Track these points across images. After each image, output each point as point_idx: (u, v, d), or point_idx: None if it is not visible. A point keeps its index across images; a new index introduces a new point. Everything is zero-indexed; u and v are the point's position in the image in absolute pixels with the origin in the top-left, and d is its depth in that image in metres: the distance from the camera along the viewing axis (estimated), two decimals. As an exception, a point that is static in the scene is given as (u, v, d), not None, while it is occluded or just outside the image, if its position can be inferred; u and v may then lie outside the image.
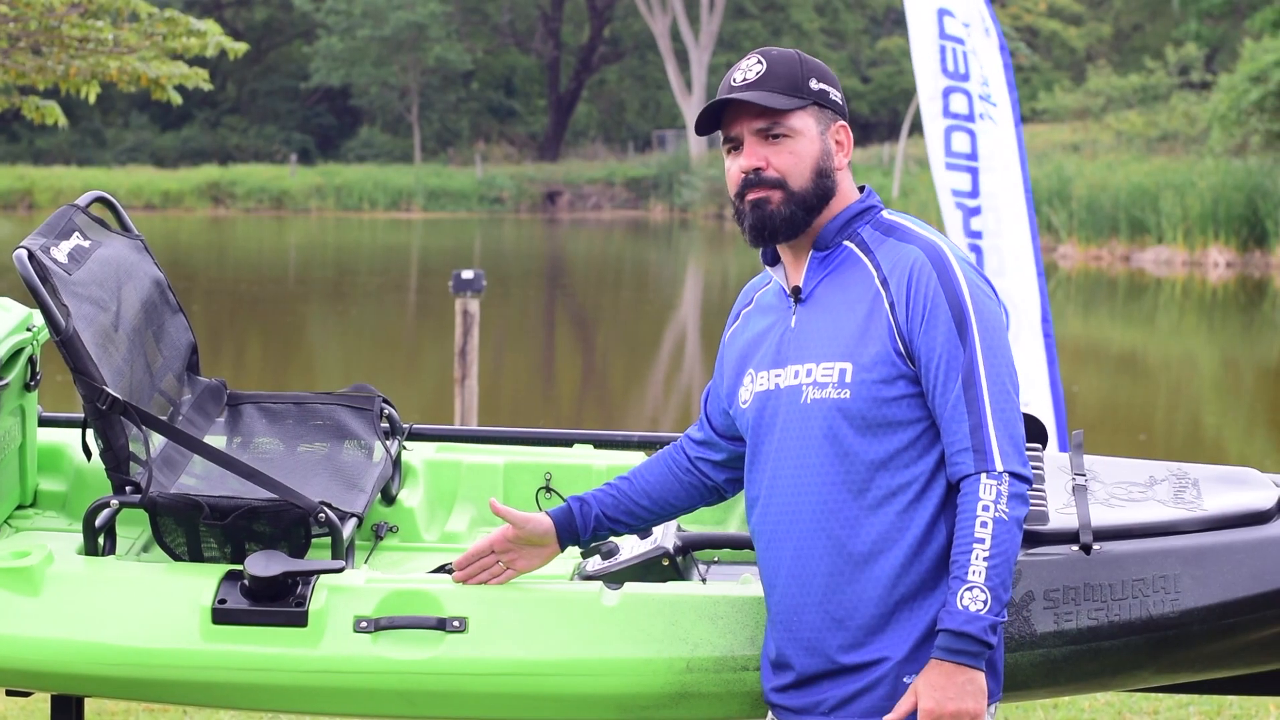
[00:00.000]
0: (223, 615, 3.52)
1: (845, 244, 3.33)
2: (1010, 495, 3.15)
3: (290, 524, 3.68)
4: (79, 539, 3.76)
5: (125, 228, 4.23)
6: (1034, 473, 3.52)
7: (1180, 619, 3.42)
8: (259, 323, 23.18)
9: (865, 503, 3.21)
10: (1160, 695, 6.30)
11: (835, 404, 3.22)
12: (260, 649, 3.51)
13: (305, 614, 3.51)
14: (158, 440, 3.88)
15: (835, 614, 3.23)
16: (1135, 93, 43.53)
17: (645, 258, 38.15)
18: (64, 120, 9.37)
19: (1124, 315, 24.82)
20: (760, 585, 3.45)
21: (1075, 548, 3.45)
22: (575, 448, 4.46)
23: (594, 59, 60.42)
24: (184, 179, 50.56)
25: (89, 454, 3.94)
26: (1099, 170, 32.91)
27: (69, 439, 4.27)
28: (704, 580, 3.82)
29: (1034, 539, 3.44)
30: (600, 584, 3.58)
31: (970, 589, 3.10)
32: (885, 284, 3.25)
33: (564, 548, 3.60)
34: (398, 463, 4.31)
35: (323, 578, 3.56)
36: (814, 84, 3.31)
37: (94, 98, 9.37)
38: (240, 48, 9.68)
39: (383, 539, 4.23)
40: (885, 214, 3.35)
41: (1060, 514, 3.55)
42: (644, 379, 18.98)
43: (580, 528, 3.57)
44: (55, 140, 54.82)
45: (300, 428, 4.31)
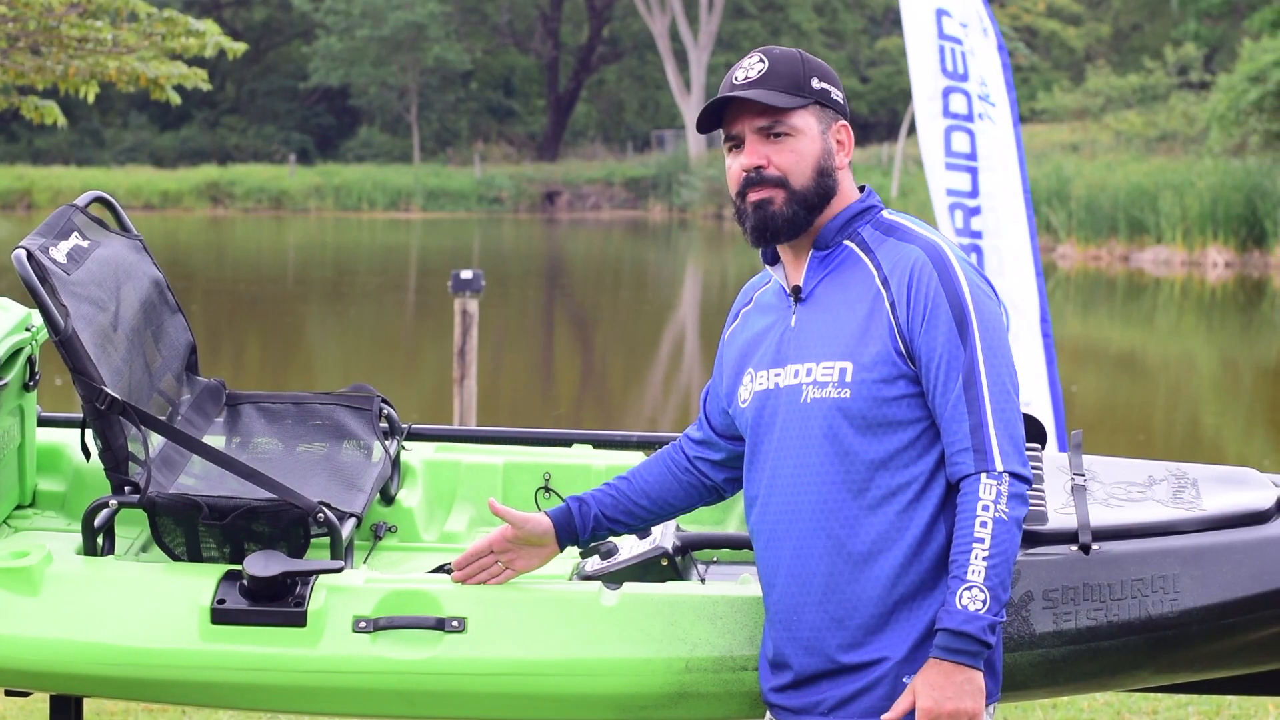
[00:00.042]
0: (221, 615, 3.52)
1: (845, 243, 3.32)
2: (1010, 495, 3.15)
3: (289, 524, 3.68)
4: (78, 539, 3.76)
5: (124, 228, 4.23)
6: (1033, 473, 3.52)
7: (1179, 619, 3.42)
8: (258, 323, 23.17)
9: (865, 502, 3.21)
10: (1159, 695, 6.30)
11: (835, 403, 3.22)
12: (259, 649, 3.51)
13: (304, 614, 3.51)
14: (156, 440, 3.88)
15: (835, 613, 3.23)
16: (1134, 93, 43.52)
17: (644, 258, 38.14)
18: (63, 120, 9.37)
19: (1123, 315, 24.81)
20: (759, 585, 3.45)
21: (1074, 548, 3.45)
22: (574, 448, 4.46)
23: (593, 59, 60.40)
24: (183, 179, 50.55)
25: (88, 454, 3.94)
26: (1098, 170, 32.91)
27: (68, 439, 4.27)
28: (703, 580, 3.81)
29: (1033, 539, 3.44)
30: (599, 584, 3.58)
31: (969, 588, 3.10)
32: (886, 284, 3.25)
33: (563, 548, 3.60)
34: (396, 463, 4.31)
35: (322, 578, 3.56)
36: (816, 83, 3.31)
37: (93, 98, 9.37)
38: (239, 48, 9.68)
39: (381, 539, 4.23)
40: (885, 214, 3.35)
41: (1059, 514, 3.55)
42: (643, 379, 18.97)
43: (579, 528, 3.57)
44: (54, 140, 54.81)
45: (299, 428, 4.31)
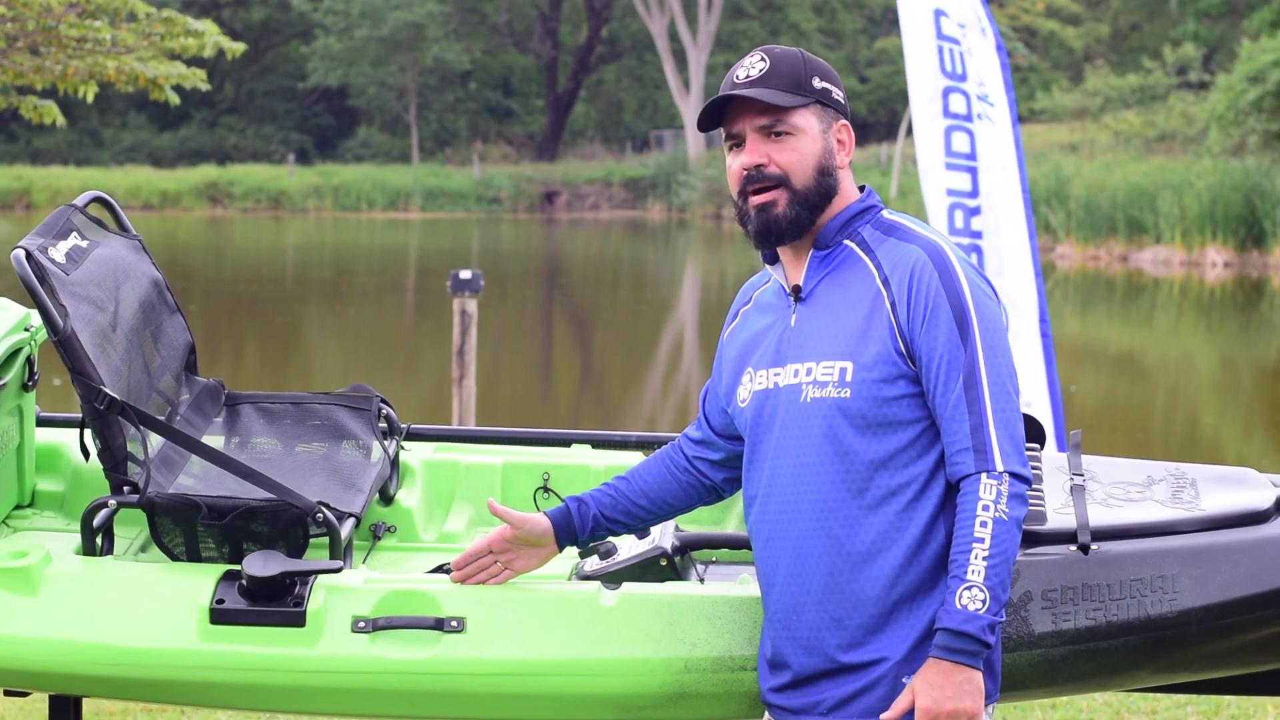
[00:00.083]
0: (220, 615, 3.52)
1: (846, 243, 3.32)
2: (1010, 495, 3.15)
3: (288, 524, 3.68)
4: (77, 539, 3.76)
5: (123, 228, 4.23)
6: (1032, 473, 3.52)
7: (1178, 619, 3.42)
8: (257, 323, 23.16)
9: (864, 502, 3.21)
10: (1158, 695, 6.30)
11: (835, 403, 3.22)
12: (258, 649, 3.51)
13: (303, 614, 3.50)
14: (155, 440, 3.88)
15: (834, 613, 3.23)
16: (1133, 93, 43.52)
17: (643, 258, 38.14)
18: (62, 120, 9.36)
19: (1122, 315, 24.81)
20: (758, 585, 3.44)
21: (1073, 548, 3.45)
22: (573, 448, 4.46)
23: (592, 59, 60.40)
24: (182, 179, 50.56)
25: (87, 454, 3.94)
26: (1097, 170, 32.92)
27: (67, 439, 4.26)
28: (702, 580, 3.81)
29: (1032, 539, 3.44)
30: (598, 584, 3.58)
31: (969, 588, 3.10)
32: (886, 283, 3.25)
33: (562, 548, 3.60)
34: (395, 463, 4.31)
35: (321, 578, 3.56)
36: (817, 82, 3.31)
37: (92, 98, 9.36)
38: (238, 48, 9.67)
39: (381, 539, 4.23)
40: (886, 214, 3.35)
41: (1058, 514, 3.54)
42: (642, 379, 18.97)
43: (578, 528, 3.56)
44: (53, 140, 54.81)
45: (298, 428, 4.31)
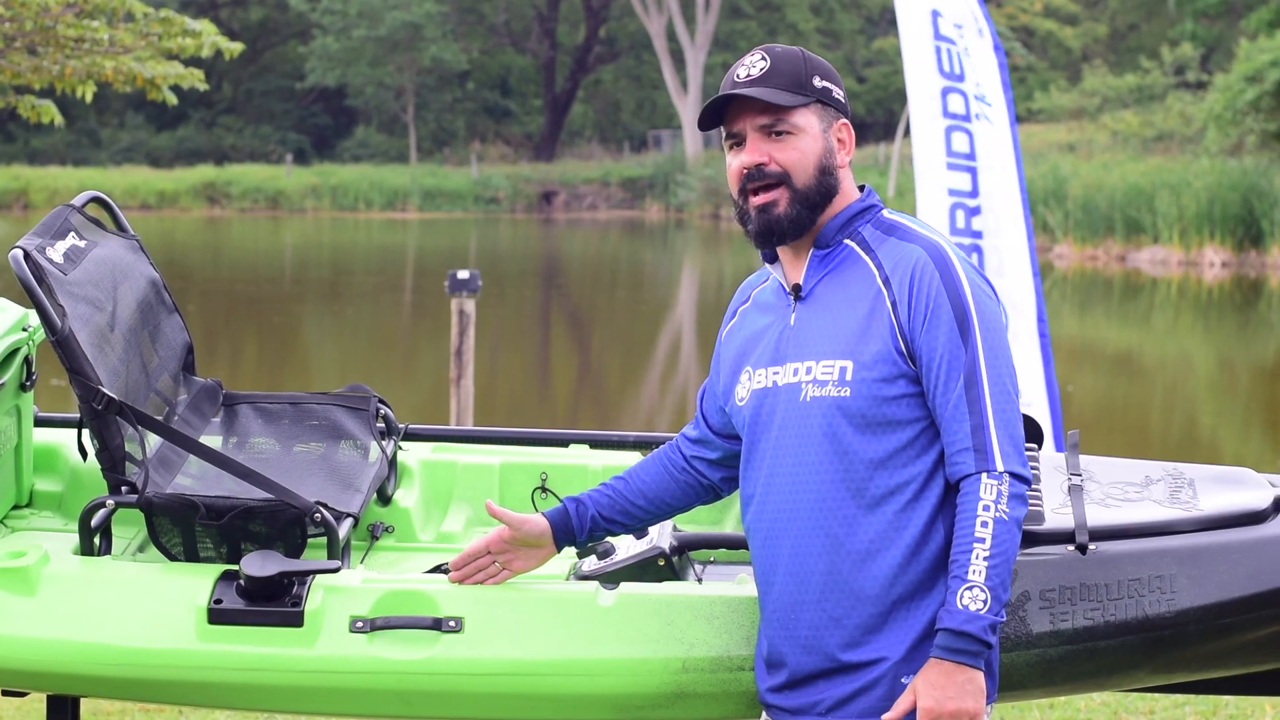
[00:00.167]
0: (218, 615, 3.52)
1: (846, 242, 3.32)
2: (1010, 495, 3.15)
3: (286, 524, 3.67)
4: (75, 539, 3.76)
5: (121, 228, 4.23)
6: (1031, 473, 3.52)
7: (1176, 619, 3.42)
8: (255, 323, 23.16)
9: (864, 501, 3.21)
10: (1156, 695, 6.30)
11: (835, 402, 3.22)
12: (256, 649, 3.51)
13: (301, 614, 3.50)
14: (153, 440, 3.87)
15: (833, 612, 3.23)
16: (1131, 93, 43.53)
17: (641, 258, 38.14)
18: (60, 119, 9.36)
19: (1120, 315, 24.82)
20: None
21: (1071, 548, 3.45)
22: (571, 448, 4.45)
23: (590, 59, 60.40)
24: (179, 179, 50.55)
25: (85, 454, 3.94)
26: (1095, 170, 32.94)
27: (65, 439, 4.26)
28: (700, 580, 3.81)
29: (1030, 539, 3.44)
30: (596, 584, 3.57)
31: (970, 588, 3.10)
32: (887, 283, 3.24)
33: (560, 549, 3.59)
34: (393, 463, 4.31)
35: (319, 578, 3.56)
36: (817, 81, 3.30)
37: (90, 97, 9.36)
38: (236, 48, 9.67)
39: (378, 539, 4.23)
40: (886, 213, 3.35)
41: (1056, 514, 3.54)
42: (640, 379, 18.97)
43: (576, 528, 3.56)
44: (51, 140, 54.81)
45: (296, 428, 4.30)
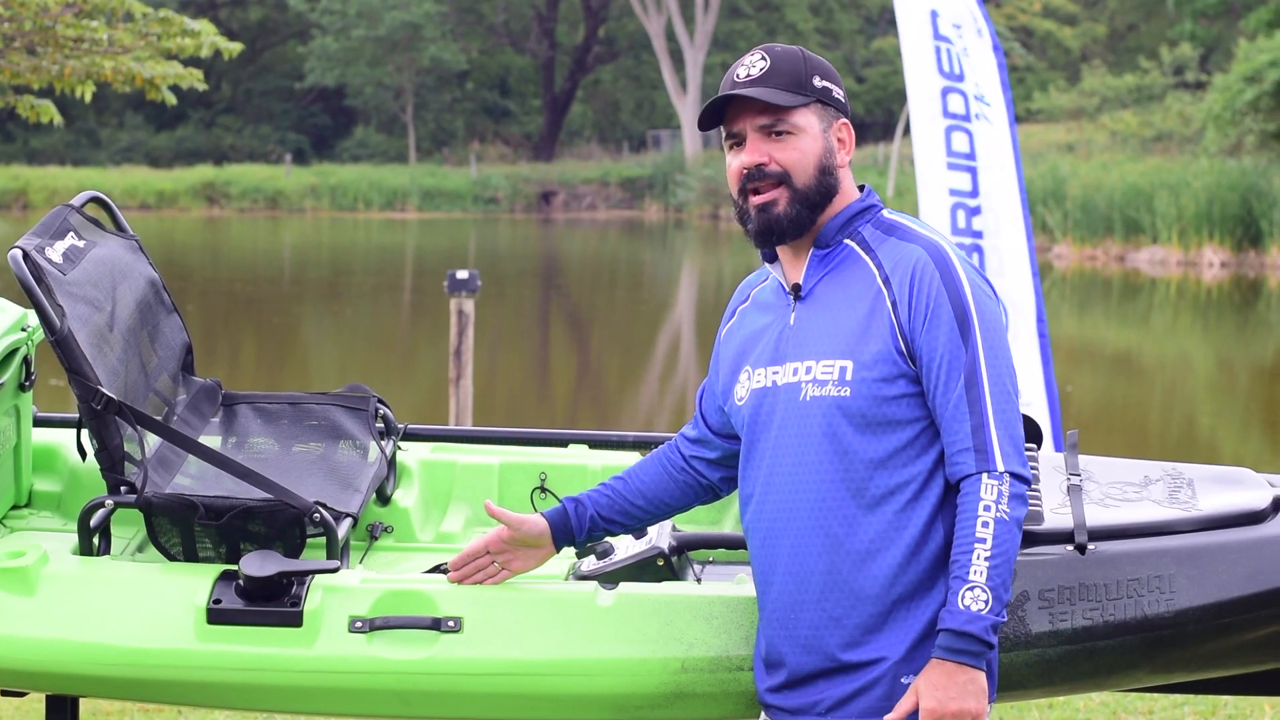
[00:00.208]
0: (218, 615, 3.52)
1: (846, 242, 3.32)
2: (1011, 496, 3.15)
3: (285, 524, 3.67)
4: (74, 539, 3.76)
5: (120, 228, 4.23)
6: (1031, 473, 3.52)
7: (1175, 619, 3.42)
8: (254, 323, 23.16)
9: (863, 501, 3.21)
10: (1155, 695, 6.30)
11: (835, 401, 3.22)
12: (255, 649, 3.51)
13: (300, 614, 3.50)
14: (153, 440, 3.88)
15: (833, 612, 3.22)
16: (1130, 93, 43.53)
17: (640, 258, 38.14)
18: (59, 119, 9.35)
19: (1119, 315, 24.82)
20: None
21: (1070, 548, 3.45)
22: (570, 448, 4.45)
23: (589, 59, 60.40)
24: (179, 179, 50.55)
25: (84, 454, 3.94)
26: (1094, 170, 32.94)
27: (64, 439, 4.26)
28: (699, 580, 3.81)
29: (1029, 539, 3.44)
30: (595, 584, 3.57)
31: (971, 588, 3.10)
32: (887, 283, 3.24)
33: (559, 549, 3.59)
34: (393, 463, 4.31)
35: (318, 578, 3.56)
36: (817, 81, 3.30)
37: (89, 97, 9.36)
38: (235, 48, 9.67)
39: (378, 539, 4.23)
40: (886, 213, 3.35)
41: (1055, 514, 3.54)
42: (639, 379, 18.97)
43: (575, 529, 3.56)
44: (50, 140, 54.80)
45: (295, 428, 4.30)
